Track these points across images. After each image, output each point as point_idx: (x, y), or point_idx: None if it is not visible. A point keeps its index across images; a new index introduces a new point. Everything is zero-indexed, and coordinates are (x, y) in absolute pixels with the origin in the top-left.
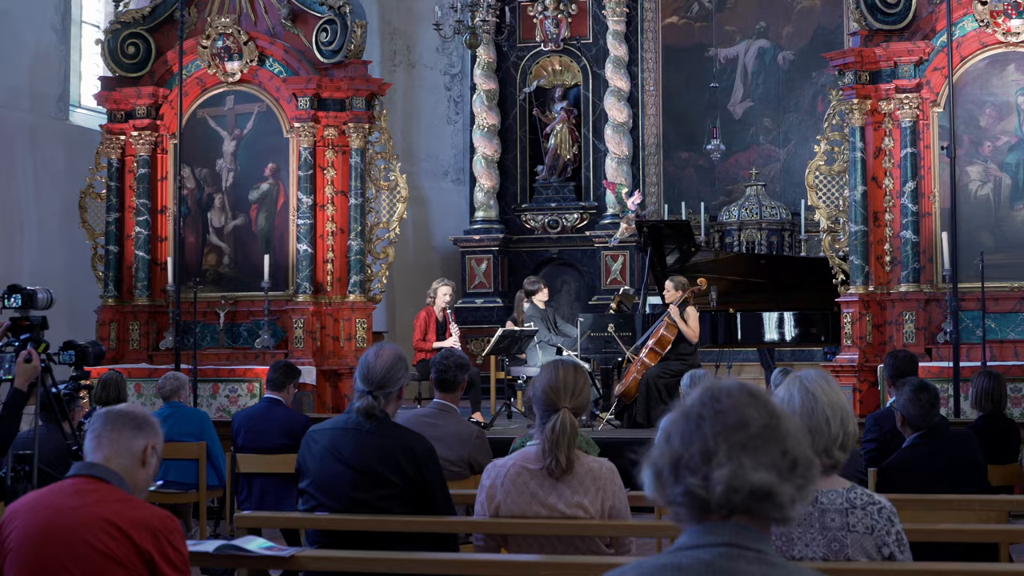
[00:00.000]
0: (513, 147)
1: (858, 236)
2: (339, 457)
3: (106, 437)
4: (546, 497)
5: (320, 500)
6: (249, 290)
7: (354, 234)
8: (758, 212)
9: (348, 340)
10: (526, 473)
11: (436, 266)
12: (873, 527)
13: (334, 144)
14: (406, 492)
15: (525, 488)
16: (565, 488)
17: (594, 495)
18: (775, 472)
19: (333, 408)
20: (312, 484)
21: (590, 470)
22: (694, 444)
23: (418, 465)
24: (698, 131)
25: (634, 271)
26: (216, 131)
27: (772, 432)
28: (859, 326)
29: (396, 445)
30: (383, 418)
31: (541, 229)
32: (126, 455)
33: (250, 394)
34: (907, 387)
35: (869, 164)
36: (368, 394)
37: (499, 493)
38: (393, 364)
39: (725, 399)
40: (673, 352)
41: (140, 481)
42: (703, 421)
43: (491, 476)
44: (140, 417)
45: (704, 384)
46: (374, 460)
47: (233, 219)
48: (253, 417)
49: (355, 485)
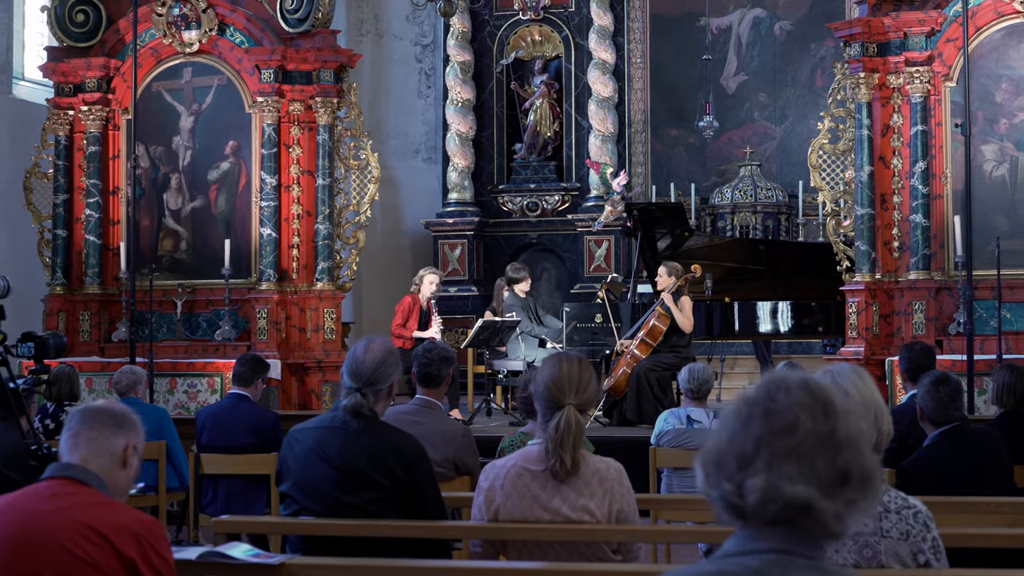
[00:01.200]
0: (489, 124)
1: (864, 220)
2: (324, 457)
3: (84, 436)
4: (549, 500)
5: (304, 503)
6: (208, 277)
7: (322, 217)
8: (753, 194)
9: (315, 331)
10: (527, 474)
11: (406, 252)
12: (908, 532)
13: (300, 120)
14: (396, 495)
15: (526, 490)
16: (569, 490)
17: (601, 498)
18: (817, 485)
19: (299, 405)
20: (295, 486)
21: (596, 471)
22: (736, 445)
23: (409, 467)
24: (688, 107)
25: (619, 257)
26: (172, 106)
27: (824, 439)
28: (865, 316)
29: (385, 445)
30: (372, 417)
31: (519, 212)
32: (105, 455)
33: (210, 390)
34: (926, 379)
35: (876, 143)
36: (356, 391)
37: (498, 496)
38: (384, 359)
39: (781, 397)
40: (665, 344)
41: (120, 483)
42: (751, 421)
43: (489, 478)
44: (120, 414)
45: (768, 375)
46: (362, 461)
47: (191, 201)
48: (218, 414)
49: (341, 487)
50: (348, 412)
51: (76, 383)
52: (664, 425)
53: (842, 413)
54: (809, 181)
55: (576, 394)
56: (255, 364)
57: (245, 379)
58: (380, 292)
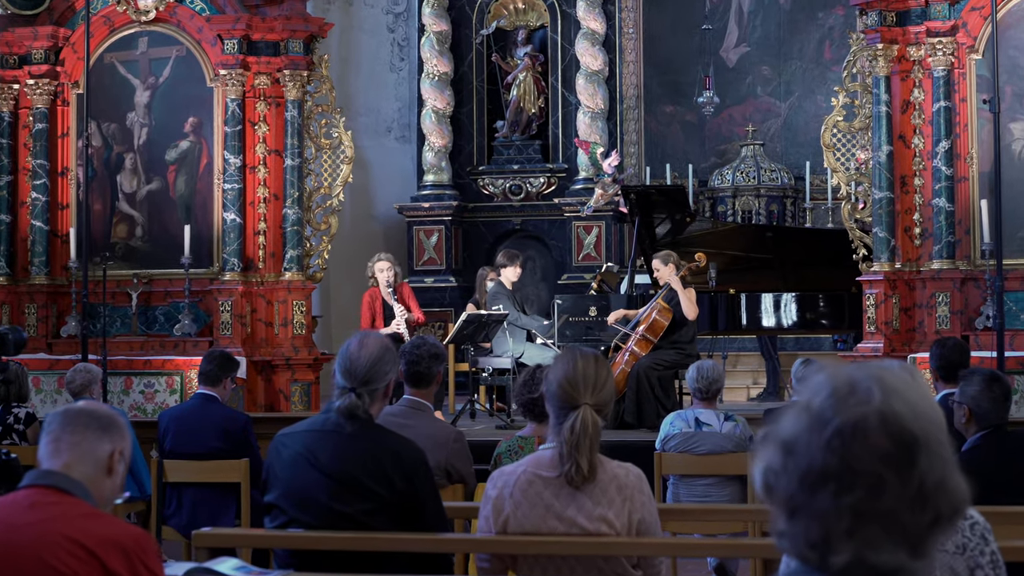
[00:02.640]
0: (468, 99)
1: (883, 204)
2: (315, 464)
3: (66, 440)
4: (563, 510)
5: (293, 514)
6: (166, 267)
7: (290, 201)
8: (755, 176)
9: (284, 326)
10: (539, 482)
11: (377, 239)
12: (965, 546)
13: (266, 95)
14: (393, 505)
15: (539, 499)
16: (586, 499)
17: (620, 507)
18: (907, 546)
19: (265, 406)
20: (283, 496)
21: (615, 477)
22: (813, 502)
23: (408, 474)
24: (685, 81)
25: (610, 245)
26: (127, 79)
27: (913, 495)
28: (884, 309)
29: (382, 450)
30: (367, 419)
31: (501, 196)
32: (89, 462)
33: (169, 389)
34: (977, 377)
35: (896, 120)
36: (351, 391)
37: (508, 505)
38: (380, 356)
39: (859, 449)
40: (667, 340)
41: (106, 492)
42: (827, 481)
43: (498, 485)
44: (105, 417)
45: (839, 395)
46: (356, 468)
47: (147, 183)
48: (183, 417)
49: (334, 496)
50: (341, 414)
51: (26, 382)
52: (670, 428)
53: (924, 446)
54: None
55: (593, 393)
56: (223, 361)
57: (213, 378)
58: (349, 283)
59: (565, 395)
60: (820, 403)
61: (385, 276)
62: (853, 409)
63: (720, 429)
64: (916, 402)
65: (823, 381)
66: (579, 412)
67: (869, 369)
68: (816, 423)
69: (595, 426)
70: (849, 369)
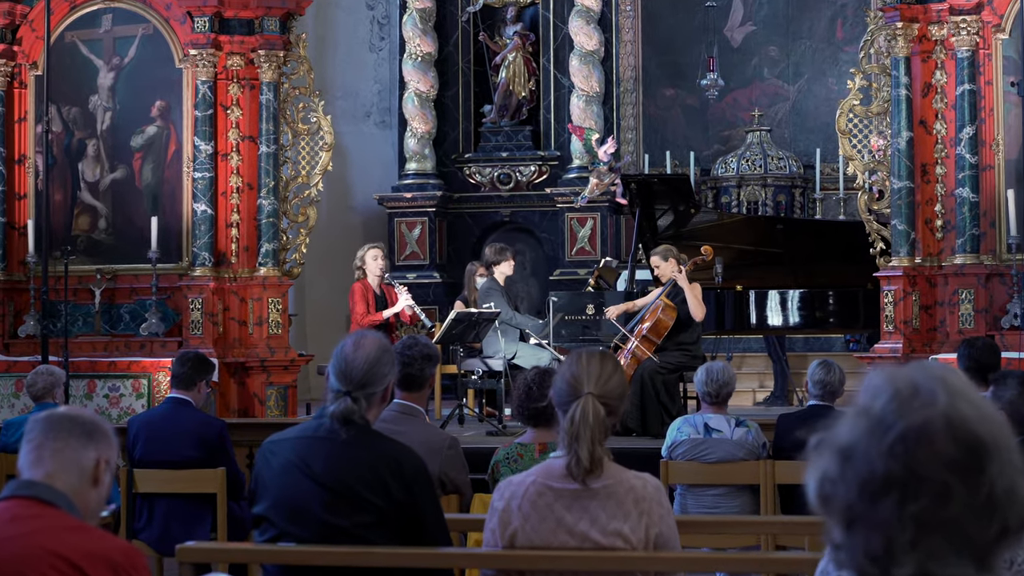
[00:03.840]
0: (453, 82)
1: (902, 195)
2: (308, 473)
3: (48, 448)
4: (575, 523)
5: (283, 528)
6: (132, 262)
7: (265, 191)
8: (762, 164)
9: (258, 325)
10: (550, 493)
11: (356, 232)
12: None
13: (240, 77)
14: (392, 517)
15: (549, 512)
16: (600, 512)
17: (636, 520)
18: (973, 558)
19: (239, 411)
20: (273, 507)
21: (631, 488)
22: (874, 511)
23: (407, 484)
24: (687, 62)
25: (606, 238)
26: (89, 60)
27: (980, 504)
28: (903, 307)
29: (380, 458)
30: (364, 425)
31: (489, 185)
32: (74, 471)
33: (136, 393)
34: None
35: (916, 104)
36: (346, 395)
37: (515, 518)
38: (377, 358)
39: (923, 454)
40: (672, 341)
41: (92, 503)
42: (890, 488)
43: (505, 496)
44: (90, 423)
45: (901, 398)
46: (352, 477)
47: (111, 172)
48: (155, 422)
49: (328, 508)
50: (336, 419)
51: None
52: (678, 435)
53: (993, 451)
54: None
55: (596, 383)
56: (198, 363)
57: (186, 381)
58: (325, 279)
59: (569, 388)
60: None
61: (378, 264)
62: (917, 412)
63: (731, 436)
64: (981, 404)
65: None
66: (580, 401)
67: (930, 370)
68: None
69: (597, 415)
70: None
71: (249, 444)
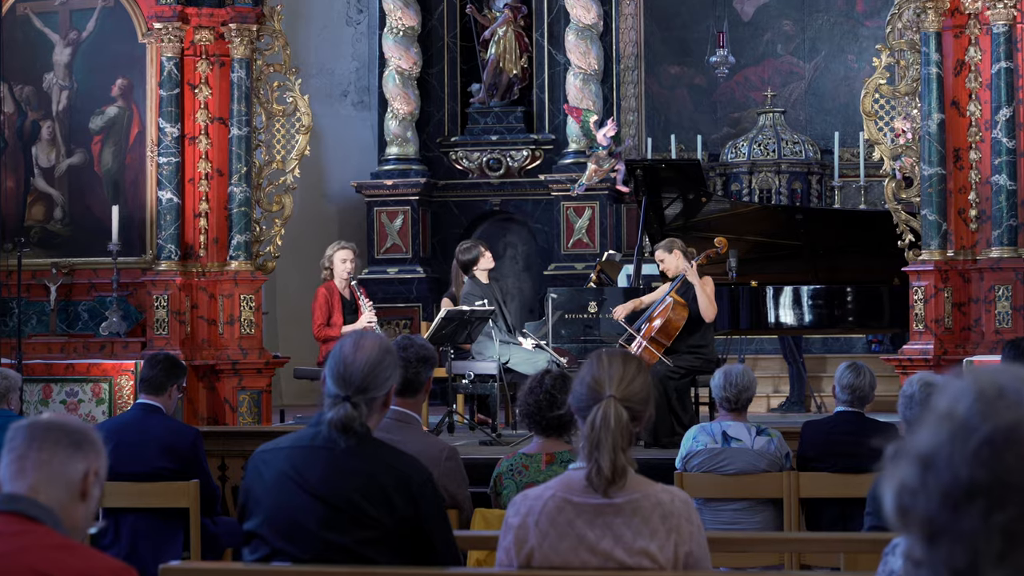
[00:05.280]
0: (438, 58)
1: (933, 182)
2: (304, 485)
3: (32, 459)
4: (598, 541)
5: (276, 545)
6: (91, 255)
7: (237, 177)
8: (775, 149)
9: (229, 324)
10: (570, 508)
11: (331, 223)
12: None
13: (209, 53)
14: (395, 534)
15: (569, 528)
16: (625, 529)
17: (664, 538)
18: None
19: (208, 419)
20: (265, 523)
21: (659, 503)
22: (956, 523)
23: (414, 498)
24: (693, 38)
25: (605, 229)
26: (44, 34)
27: None
28: (934, 305)
29: (384, 470)
30: (364, 433)
31: (477, 171)
32: (60, 484)
33: (96, 399)
34: None
35: (948, 84)
36: (345, 400)
37: (532, 535)
38: (379, 360)
39: (1011, 459)
40: (683, 343)
41: (79, 520)
42: (975, 497)
43: (521, 512)
44: (77, 432)
45: (986, 400)
46: (353, 490)
47: (68, 156)
48: (122, 431)
49: (326, 524)
50: (335, 427)
51: None
52: (693, 444)
53: None
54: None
55: (618, 386)
56: (169, 366)
57: (156, 386)
58: (297, 274)
59: (589, 392)
60: (964, 410)
61: (347, 267)
62: (1004, 414)
63: (752, 445)
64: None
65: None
66: (601, 405)
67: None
68: (961, 432)
69: (620, 420)
70: (991, 371)
71: (221, 455)
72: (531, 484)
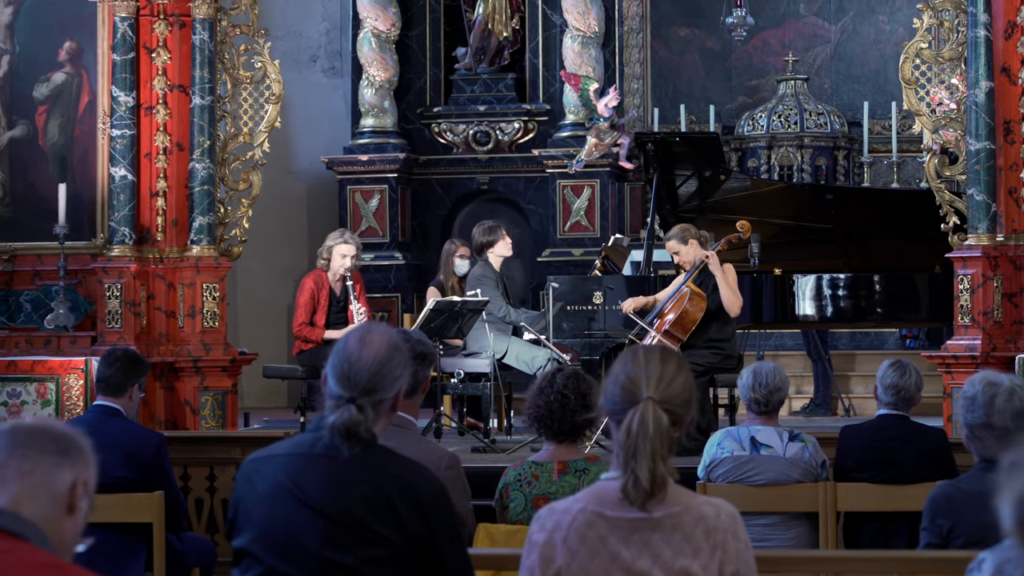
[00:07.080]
0: (419, 19)
1: (980, 158)
2: (302, 498)
3: (13, 469)
4: (634, 560)
5: (271, 564)
6: (35, 239)
7: (199, 152)
8: (797, 121)
9: (190, 317)
10: (602, 523)
11: (299, 203)
12: None
13: (167, 13)
14: (404, 552)
15: (601, 546)
16: (664, 546)
17: (708, 556)
18: None
19: (166, 422)
20: (258, 540)
21: (702, 517)
22: None
23: (424, 513)
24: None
25: (607, 211)
26: None
27: None
28: (982, 296)
29: (391, 481)
30: (370, 440)
31: (463, 146)
32: (44, 496)
33: (41, 400)
34: None
35: (997, 48)
36: (350, 402)
37: (560, 554)
38: (387, 357)
39: None
40: (700, 337)
41: (66, 535)
42: None
43: (546, 527)
44: (64, 438)
45: None
46: (357, 503)
47: (9, 129)
48: None
49: (327, 541)
50: (337, 433)
51: None
52: (718, 451)
53: None
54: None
55: (657, 386)
56: (129, 364)
57: (115, 386)
58: (260, 261)
59: (624, 393)
60: None
61: (345, 264)
62: None
63: (784, 452)
64: None
65: None
66: (638, 408)
67: None
68: None
69: (659, 425)
70: None
71: (184, 463)
72: (542, 496)
